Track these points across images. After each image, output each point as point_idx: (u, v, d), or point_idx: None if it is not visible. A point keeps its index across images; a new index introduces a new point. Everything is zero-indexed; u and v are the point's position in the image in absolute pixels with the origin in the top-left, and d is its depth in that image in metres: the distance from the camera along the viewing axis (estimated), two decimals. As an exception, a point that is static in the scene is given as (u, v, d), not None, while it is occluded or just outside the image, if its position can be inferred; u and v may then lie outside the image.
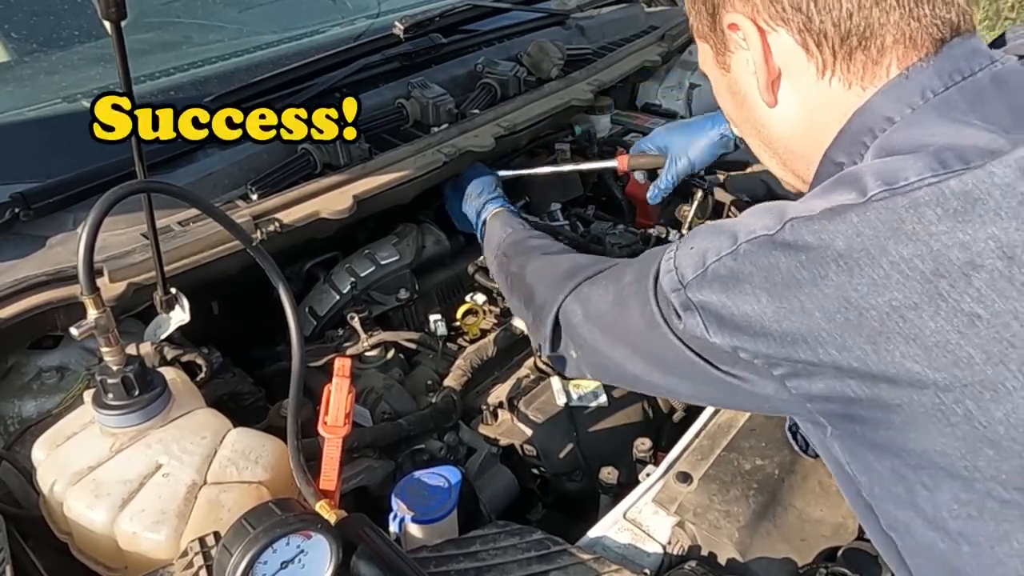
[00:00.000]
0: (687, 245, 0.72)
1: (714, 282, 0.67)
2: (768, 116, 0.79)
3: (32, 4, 1.52)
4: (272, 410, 1.16)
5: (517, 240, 1.20)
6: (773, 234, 0.64)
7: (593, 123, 1.71)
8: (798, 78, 0.74)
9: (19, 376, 1.05)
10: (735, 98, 0.83)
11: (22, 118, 1.30)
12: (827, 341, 0.61)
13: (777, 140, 0.81)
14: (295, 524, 0.70)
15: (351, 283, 1.37)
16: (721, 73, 0.83)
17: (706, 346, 0.70)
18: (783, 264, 0.62)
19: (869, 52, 0.70)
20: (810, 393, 0.66)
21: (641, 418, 1.27)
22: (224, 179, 1.23)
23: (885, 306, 0.58)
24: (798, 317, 0.62)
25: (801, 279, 0.61)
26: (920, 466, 0.63)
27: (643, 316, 0.77)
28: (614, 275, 0.89)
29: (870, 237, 0.59)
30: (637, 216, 1.68)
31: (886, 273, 0.58)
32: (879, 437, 0.64)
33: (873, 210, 0.59)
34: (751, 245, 0.65)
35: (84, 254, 0.78)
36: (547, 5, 1.93)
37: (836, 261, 0.60)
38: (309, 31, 1.68)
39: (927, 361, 0.58)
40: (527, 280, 1.07)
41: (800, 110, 0.76)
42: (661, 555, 0.92)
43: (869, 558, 0.88)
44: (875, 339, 0.59)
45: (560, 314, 0.94)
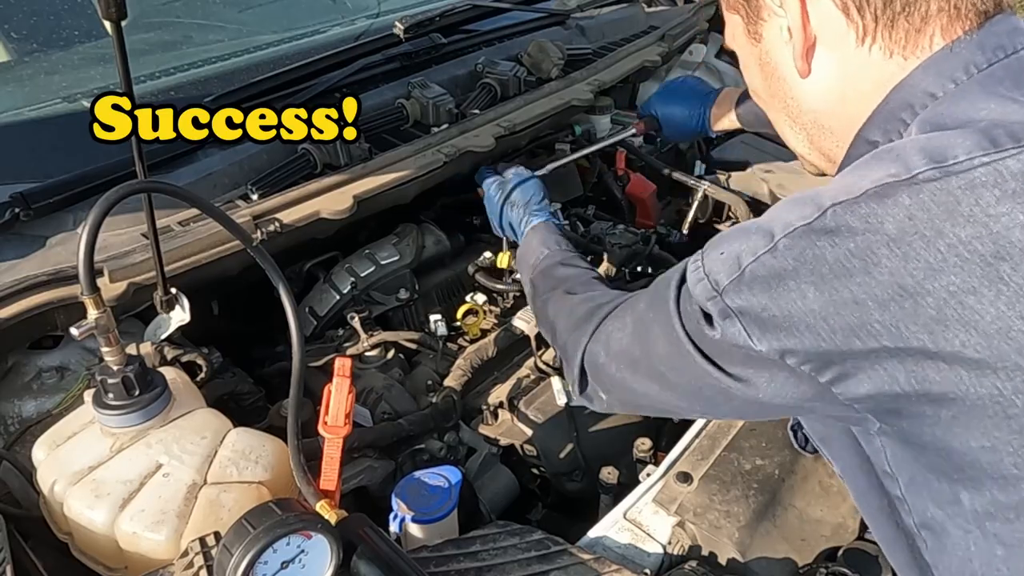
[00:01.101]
0: (715, 251, 0.68)
1: (753, 284, 0.63)
2: (799, 87, 0.76)
3: (32, 4, 1.52)
4: (272, 410, 1.16)
5: (548, 267, 1.16)
6: (812, 222, 0.61)
7: (593, 123, 1.71)
8: (836, 45, 0.71)
9: (19, 376, 1.05)
10: (764, 70, 0.80)
11: (22, 118, 1.30)
12: (881, 333, 0.58)
13: (807, 113, 0.78)
14: (295, 524, 0.70)
15: (351, 283, 1.37)
16: (751, 44, 0.80)
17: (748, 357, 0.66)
18: (830, 254, 0.59)
19: (912, 20, 0.67)
20: (857, 394, 0.63)
21: (641, 418, 1.27)
22: (224, 179, 1.23)
23: (942, 291, 0.56)
24: (849, 310, 0.59)
25: (851, 268, 0.58)
26: (962, 467, 0.61)
27: (669, 344, 0.74)
28: (630, 307, 0.86)
29: (924, 220, 0.57)
30: (637, 216, 1.68)
31: (943, 256, 0.56)
32: (924, 434, 0.62)
33: (926, 191, 0.57)
34: (790, 239, 0.61)
35: (84, 254, 0.78)
36: (547, 5, 1.93)
37: (888, 246, 0.57)
38: (309, 31, 1.68)
39: (987, 349, 0.55)
40: (549, 316, 1.05)
41: (835, 80, 0.73)
42: (661, 555, 0.92)
43: (869, 558, 0.88)
44: (932, 327, 0.57)
45: (585, 358, 0.91)
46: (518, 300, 1.45)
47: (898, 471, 0.69)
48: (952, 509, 0.64)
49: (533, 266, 1.19)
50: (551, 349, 1.32)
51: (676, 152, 1.88)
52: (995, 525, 0.61)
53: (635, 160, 1.74)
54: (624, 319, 0.85)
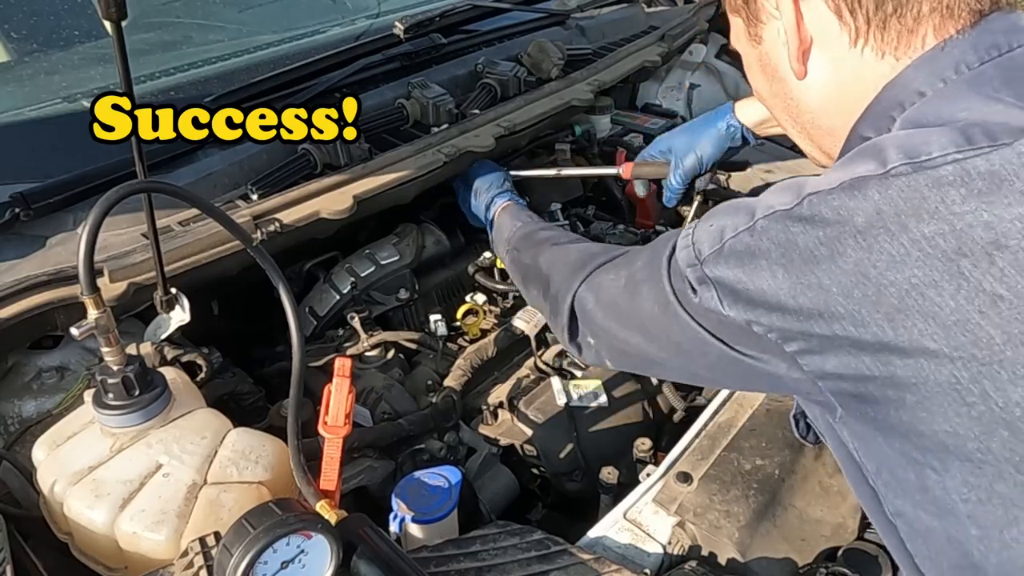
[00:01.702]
0: (706, 222, 0.71)
1: (730, 257, 0.67)
2: (798, 88, 0.78)
3: (32, 4, 1.52)
4: (272, 410, 1.16)
5: (528, 232, 1.19)
6: (790, 209, 0.64)
7: (593, 123, 1.71)
8: (830, 47, 0.73)
9: (19, 376, 1.05)
10: (765, 71, 0.82)
11: (22, 118, 1.30)
12: (844, 316, 0.61)
13: (806, 114, 0.80)
14: (295, 524, 0.70)
15: (351, 283, 1.37)
16: (752, 46, 0.82)
17: (720, 321, 0.70)
18: (800, 240, 0.62)
19: (904, 21, 0.68)
20: (823, 370, 0.65)
21: (641, 418, 1.28)
22: (224, 179, 1.23)
23: (904, 283, 0.58)
24: (815, 292, 0.62)
25: (819, 255, 0.61)
26: (930, 449, 0.62)
27: (655, 298, 0.77)
28: (626, 261, 0.89)
29: (890, 215, 0.58)
30: (637, 216, 1.68)
31: (906, 250, 0.58)
32: (890, 417, 0.63)
33: (895, 187, 0.59)
34: (768, 221, 0.65)
35: (84, 254, 0.78)
36: (547, 5, 1.93)
37: (855, 237, 0.60)
38: (309, 31, 1.68)
39: (945, 339, 0.57)
40: (542, 271, 1.06)
41: (830, 81, 0.75)
42: (661, 555, 0.92)
43: (869, 558, 0.88)
44: (893, 316, 0.59)
45: (575, 302, 0.93)
46: (518, 300, 1.45)
47: (867, 458, 0.70)
48: (920, 495, 0.65)
49: (508, 239, 1.22)
50: (551, 349, 1.32)
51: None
52: (968, 507, 0.62)
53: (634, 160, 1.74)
54: (619, 271, 0.88)
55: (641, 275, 0.82)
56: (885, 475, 0.69)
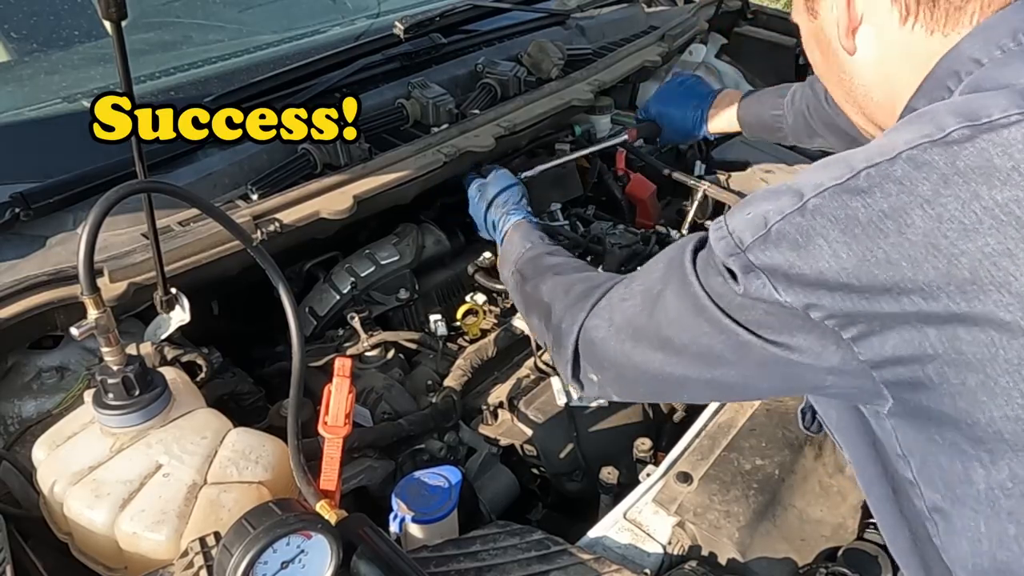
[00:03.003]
0: (741, 212, 0.68)
1: (780, 242, 0.63)
2: (850, 64, 0.79)
3: (32, 4, 1.52)
4: (272, 410, 1.16)
5: (534, 257, 1.15)
6: (844, 182, 0.61)
7: (593, 123, 1.71)
8: (880, 24, 0.74)
9: (19, 376, 1.05)
10: (820, 45, 0.82)
11: (22, 118, 1.30)
12: (912, 290, 0.58)
13: (859, 88, 0.80)
14: (295, 524, 0.70)
15: (351, 283, 1.37)
16: (809, 20, 0.82)
17: (769, 312, 0.66)
18: (863, 214, 0.60)
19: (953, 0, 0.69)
20: (880, 355, 0.63)
21: (641, 418, 1.28)
22: (224, 179, 1.23)
23: (977, 252, 0.56)
24: (882, 268, 0.59)
25: (885, 228, 0.59)
26: (982, 439, 0.61)
27: (682, 304, 0.74)
28: (636, 278, 0.85)
29: (959, 182, 0.57)
30: (637, 216, 1.68)
31: (978, 218, 0.56)
32: (945, 405, 0.62)
33: (962, 153, 0.57)
34: (820, 198, 0.62)
35: (84, 254, 0.78)
36: (547, 5, 1.93)
37: (922, 207, 0.57)
38: (309, 31, 1.68)
39: (1020, 310, 0.56)
40: (543, 300, 1.02)
41: (880, 57, 0.76)
42: (661, 555, 0.92)
43: (869, 558, 0.88)
44: (965, 287, 0.57)
45: (581, 335, 0.89)
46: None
47: (910, 453, 0.69)
48: (963, 489, 0.64)
49: (516, 260, 1.18)
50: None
51: (676, 152, 1.88)
52: (1010, 503, 0.61)
53: (635, 160, 1.74)
54: (631, 288, 0.85)
55: (659, 285, 0.78)
56: (930, 468, 0.67)
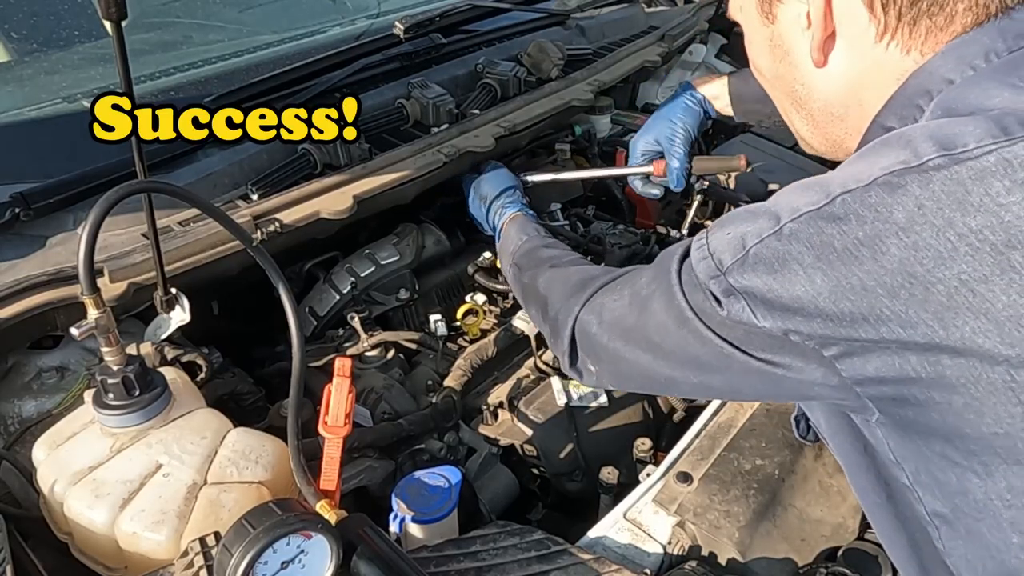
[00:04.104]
0: (721, 230, 0.68)
1: (757, 265, 0.64)
2: (811, 75, 0.76)
3: (32, 4, 1.52)
4: (272, 410, 1.16)
5: (530, 249, 1.17)
6: (820, 208, 0.61)
7: (593, 123, 1.71)
8: (853, 39, 0.71)
9: (19, 376, 1.05)
10: (773, 52, 0.79)
11: (22, 118, 1.30)
12: (890, 318, 0.58)
13: (816, 101, 0.78)
14: (295, 524, 0.70)
15: (351, 283, 1.37)
16: (763, 23, 0.79)
17: (749, 332, 0.67)
18: (838, 241, 0.59)
19: (936, 20, 0.67)
20: (863, 374, 0.63)
21: (641, 418, 1.28)
22: (224, 179, 1.23)
23: (953, 280, 0.56)
24: (858, 295, 0.59)
25: (860, 255, 0.59)
26: (974, 452, 0.60)
27: (668, 314, 0.74)
28: (629, 280, 0.86)
29: (934, 209, 0.56)
30: (637, 216, 1.68)
31: (953, 246, 0.56)
32: (933, 421, 0.61)
33: (936, 180, 0.57)
34: (797, 223, 0.62)
35: (84, 254, 0.78)
36: (547, 5, 1.93)
37: (897, 235, 0.57)
38: (309, 31, 1.69)
39: (999, 336, 0.56)
40: (540, 291, 1.04)
41: (848, 72, 0.73)
42: (661, 555, 0.92)
43: (869, 558, 0.88)
44: (942, 314, 0.57)
45: (576, 326, 0.90)
46: (518, 300, 1.45)
47: (903, 460, 0.68)
48: (961, 499, 0.64)
49: (513, 252, 1.20)
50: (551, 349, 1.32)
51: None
52: (1010, 513, 0.61)
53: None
54: (621, 291, 0.85)
55: (647, 291, 0.79)
56: (924, 477, 0.67)
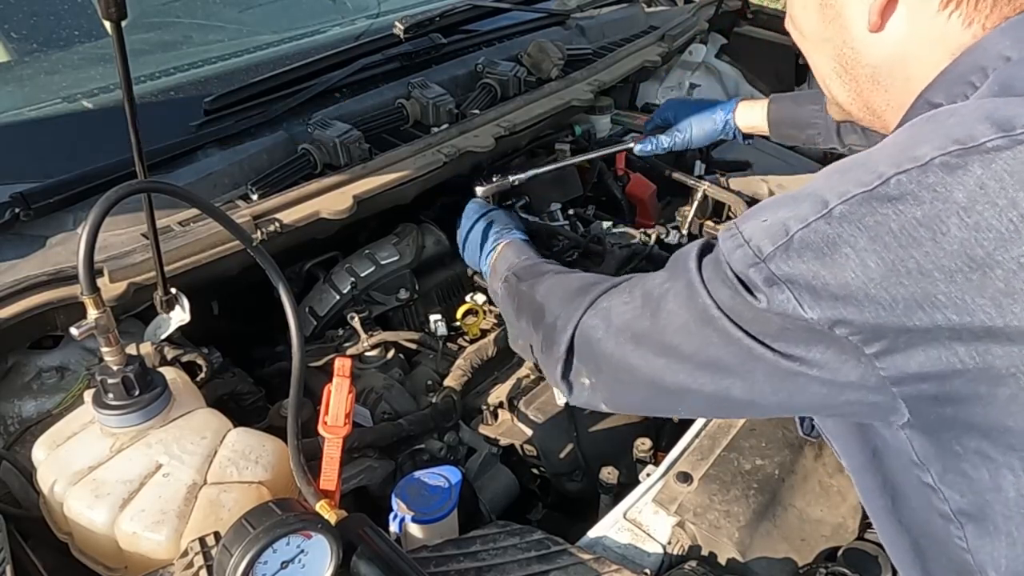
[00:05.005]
0: (755, 219, 0.65)
1: (804, 251, 0.60)
2: (863, 39, 0.73)
3: (32, 4, 1.52)
4: (272, 410, 1.16)
5: (531, 264, 1.11)
6: (873, 189, 0.59)
7: (593, 123, 1.71)
8: (917, 4, 0.68)
9: (19, 376, 1.05)
10: (824, 12, 0.75)
11: (22, 118, 1.30)
12: (945, 304, 0.57)
13: (863, 67, 0.75)
14: (295, 524, 0.70)
15: (351, 283, 1.37)
16: None
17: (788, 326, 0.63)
18: (894, 222, 0.57)
19: None
20: (904, 372, 0.61)
21: (641, 418, 1.27)
22: (224, 179, 1.23)
23: (1012, 263, 0.55)
24: (913, 279, 0.57)
25: (918, 236, 0.56)
26: (1013, 447, 0.60)
27: (689, 312, 0.70)
28: (638, 281, 0.81)
29: (996, 189, 0.55)
30: (637, 216, 1.68)
31: (1016, 227, 0.55)
32: (973, 416, 0.60)
33: (999, 161, 0.56)
34: (848, 205, 0.59)
35: (84, 254, 0.78)
36: (547, 5, 1.93)
37: (958, 214, 0.56)
38: (309, 31, 1.69)
39: None
40: (537, 299, 0.97)
41: (905, 40, 0.70)
42: (661, 555, 0.92)
43: (869, 558, 0.88)
44: (999, 299, 0.55)
45: (577, 332, 0.84)
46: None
47: (927, 462, 0.67)
48: (992, 495, 0.63)
49: (510, 267, 1.12)
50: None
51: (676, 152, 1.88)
52: None
53: (635, 160, 1.74)
54: (632, 292, 0.81)
55: (660, 291, 0.75)
56: (952, 476, 0.66)
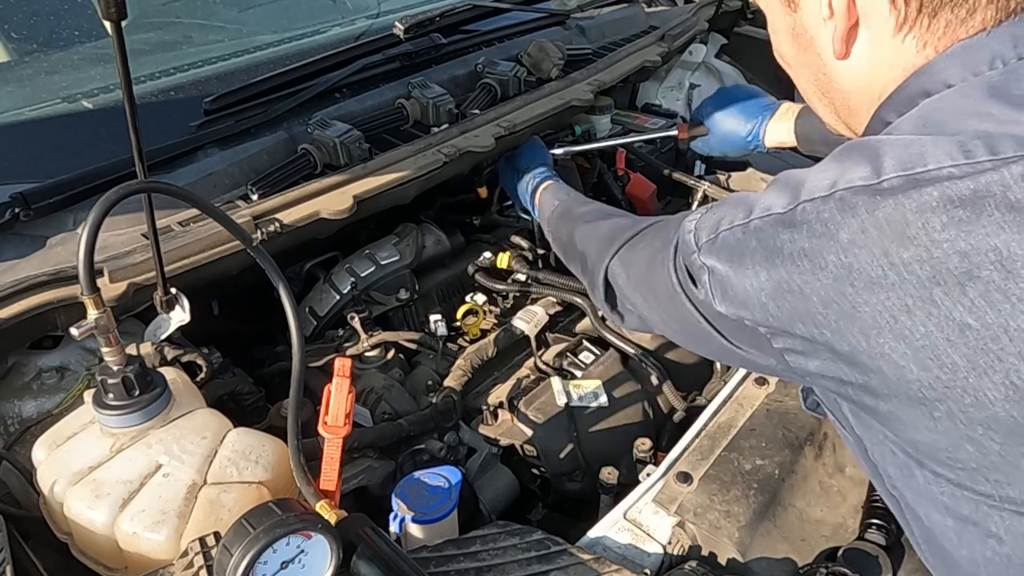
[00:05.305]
0: (712, 210, 0.73)
1: (722, 250, 0.69)
2: (833, 66, 0.76)
3: (32, 4, 1.52)
4: (272, 410, 1.16)
5: (565, 210, 1.25)
6: (784, 213, 0.64)
7: (593, 123, 1.71)
8: (875, 30, 0.71)
9: (19, 376, 1.05)
10: (797, 40, 0.79)
11: (22, 118, 1.30)
12: (823, 324, 0.63)
13: (837, 91, 0.79)
14: (295, 524, 0.70)
15: (351, 283, 1.37)
16: (785, 11, 0.79)
17: (713, 314, 0.72)
18: (787, 247, 0.63)
19: (958, 11, 0.66)
20: (806, 370, 0.68)
21: (641, 418, 1.28)
22: (224, 179, 1.23)
23: (878, 304, 0.59)
24: (795, 298, 0.63)
25: (801, 265, 0.63)
26: (908, 449, 0.65)
27: (665, 283, 0.79)
28: (650, 238, 0.92)
29: (874, 237, 0.59)
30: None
31: (883, 273, 0.59)
32: (873, 415, 0.66)
33: (882, 208, 0.59)
34: (762, 222, 0.66)
35: (84, 254, 0.78)
36: (547, 5, 1.93)
37: (837, 253, 0.61)
38: (309, 31, 1.69)
39: (914, 360, 0.59)
40: (577, 247, 1.11)
41: (870, 65, 0.73)
42: (661, 555, 0.92)
43: (869, 558, 0.88)
44: (867, 332, 0.61)
45: (608, 275, 0.98)
46: (518, 300, 1.45)
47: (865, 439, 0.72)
48: (905, 481, 0.68)
49: (549, 218, 1.29)
50: (551, 349, 1.32)
51: (676, 152, 1.88)
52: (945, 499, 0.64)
53: (635, 160, 1.74)
54: (644, 249, 0.91)
55: (656, 259, 0.84)
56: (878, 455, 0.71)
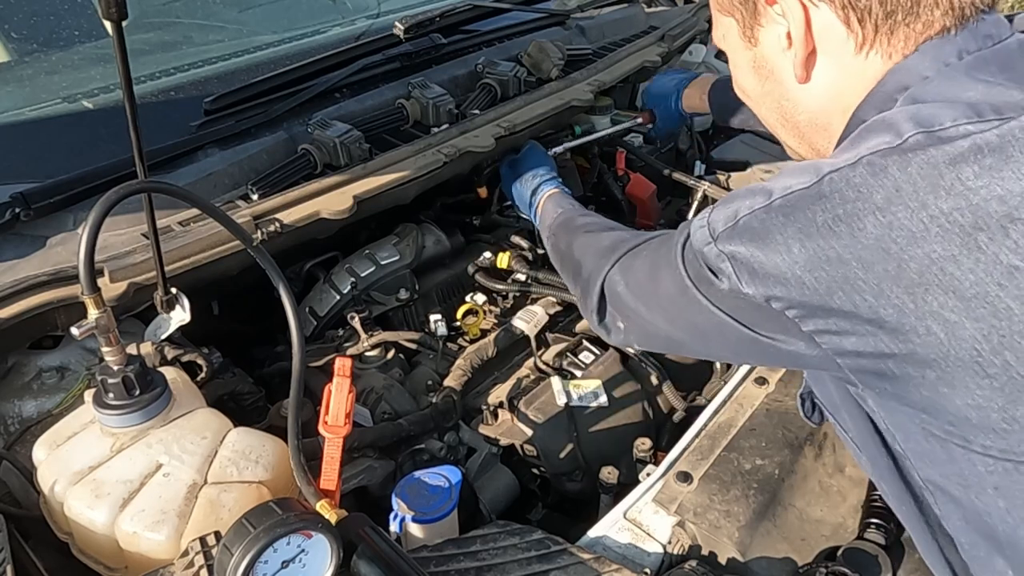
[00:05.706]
0: (723, 205, 0.73)
1: (744, 233, 0.68)
2: (795, 91, 0.79)
3: (32, 4, 1.52)
4: (272, 410, 1.16)
5: (566, 219, 1.25)
6: (809, 187, 0.65)
7: (593, 123, 1.71)
8: (834, 53, 0.74)
9: (19, 376, 1.05)
10: (758, 72, 0.82)
11: (22, 118, 1.30)
12: (864, 289, 0.62)
13: (802, 114, 0.81)
14: (296, 524, 0.70)
15: (351, 283, 1.37)
16: (745, 47, 0.82)
17: (739, 301, 0.71)
18: (820, 217, 0.63)
19: (913, 27, 0.70)
20: (842, 348, 0.66)
21: (641, 418, 1.28)
22: (224, 179, 1.23)
23: (924, 258, 0.59)
24: (833, 265, 0.62)
25: (838, 231, 0.62)
26: (953, 424, 0.63)
27: (673, 282, 0.79)
28: (652, 246, 0.92)
29: (909, 192, 0.60)
30: (637, 216, 1.68)
31: (925, 227, 0.59)
32: (911, 394, 0.65)
33: (914, 164, 0.60)
34: (786, 199, 0.66)
35: (85, 254, 0.78)
36: (547, 5, 1.93)
37: (874, 214, 0.61)
38: (309, 31, 1.68)
39: (965, 312, 0.59)
40: (575, 256, 1.10)
41: (832, 84, 0.76)
42: (661, 555, 0.92)
43: (869, 558, 0.88)
44: (913, 290, 0.60)
45: (605, 285, 0.96)
46: (518, 300, 1.45)
47: (895, 428, 0.71)
48: (947, 468, 0.67)
49: (551, 225, 1.28)
50: (551, 349, 1.32)
51: (676, 152, 1.88)
52: (994, 479, 0.63)
53: (635, 160, 1.74)
54: (646, 256, 0.91)
55: (661, 261, 0.83)
56: (913, 445, 0.70)
